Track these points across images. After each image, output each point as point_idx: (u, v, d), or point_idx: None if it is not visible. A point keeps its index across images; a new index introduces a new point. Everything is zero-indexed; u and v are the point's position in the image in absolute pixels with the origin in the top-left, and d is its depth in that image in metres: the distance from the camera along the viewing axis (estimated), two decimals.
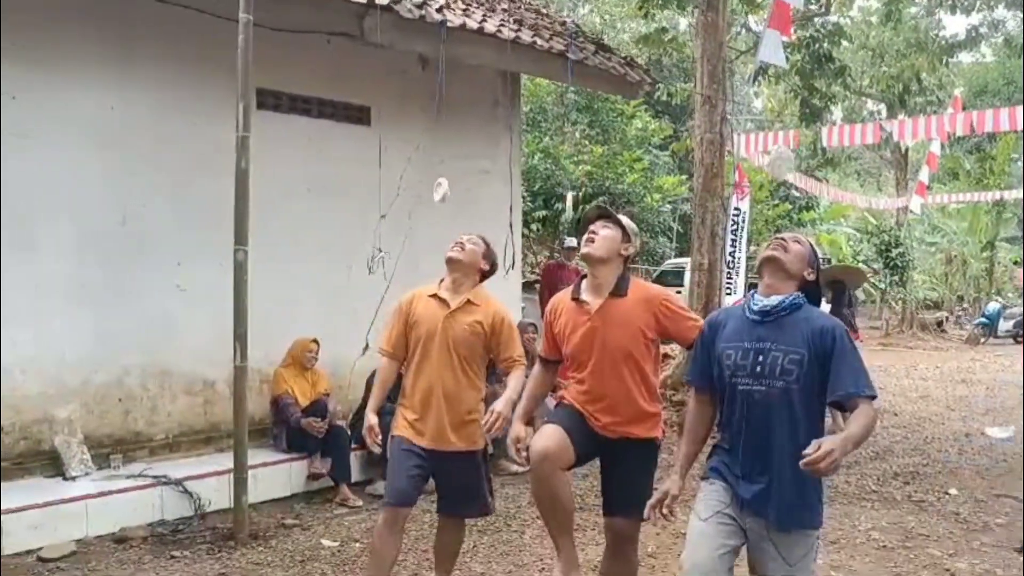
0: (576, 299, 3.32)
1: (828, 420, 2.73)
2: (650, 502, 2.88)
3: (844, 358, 2.60)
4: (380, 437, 3.70)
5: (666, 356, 11.20)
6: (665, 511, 2.84)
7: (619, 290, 3.26)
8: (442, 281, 3.83)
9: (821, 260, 3.03)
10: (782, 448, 2.62)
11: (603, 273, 3.29)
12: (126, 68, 5.75)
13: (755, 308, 2.72)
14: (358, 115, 7.05)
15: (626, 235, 3.33)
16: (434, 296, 3.77)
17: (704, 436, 2.91)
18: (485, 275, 3.89)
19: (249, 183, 4.94)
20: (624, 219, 3.39)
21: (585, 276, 3.41)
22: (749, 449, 2.68)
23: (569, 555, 3.38)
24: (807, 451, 2.37)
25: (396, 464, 3.71)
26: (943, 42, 18.05)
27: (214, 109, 5.84)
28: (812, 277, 2.79)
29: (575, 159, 19.15)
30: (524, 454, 3.21)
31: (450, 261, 3.79)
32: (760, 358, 2.65)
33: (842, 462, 2.43)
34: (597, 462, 3.50)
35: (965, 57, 25.70)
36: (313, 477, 5.82)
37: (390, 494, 3.71)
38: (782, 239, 2.82)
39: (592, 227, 3.33)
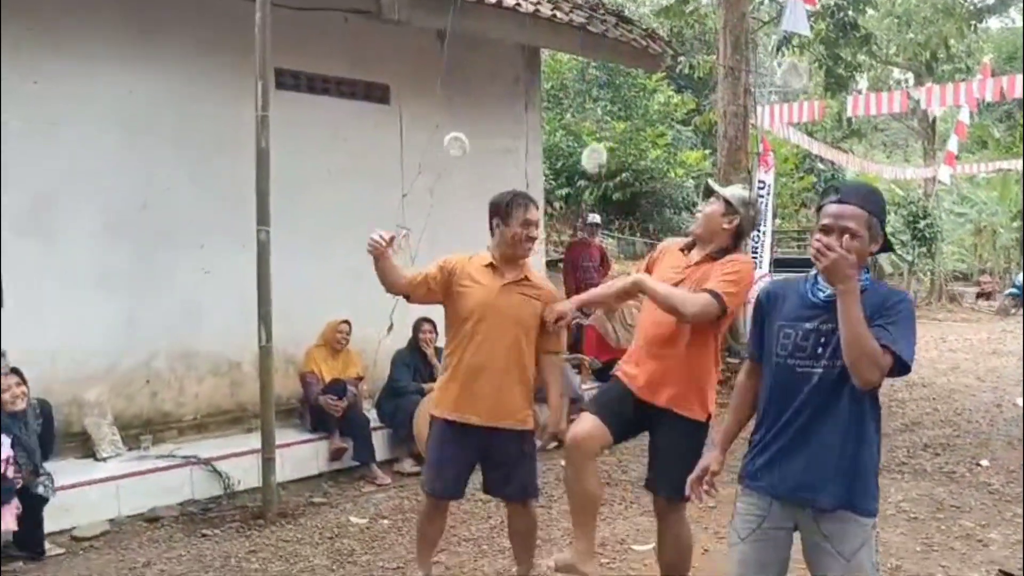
0: (683, 249, 3.45)
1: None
2: (691, 478, 2.77)
3: (892, 319, 2.38)
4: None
5: None
6: (706, 487, 2.74)
7: (718, 256, 3.33)
8: (492, 255, 3.60)
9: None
10: (837, 427, 2.45)
11: (710, 249, 3.37)
12: (146, 51, 5.76)
13: (820, 296, 2.50)
14: (377, 94, 7.03)
15: (729, 207, 3.35)
16: (489, 266, 3.57)
17: (750, 412, 2.74)
18: None
19: (270, 163, 4.95)
20: (728, 191, 3.42)
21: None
22: (796, 430, 2.50)
23: (584, 545, 3.43)
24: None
25: (440, 453, 3.59)
26: (971, 7, 17.66)
27: (234, 91, 5.85)
28: (875, 249, 2.48)
29: (597, 136, 19.02)
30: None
31: (522, 258, 3.59)
32: (822, 339, 2.46)
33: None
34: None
35: (994, 23, 25.18)
36: (335, 455, 5.84)
37: (434, 487, 3.62)
38: (827, 246, 2.31)
39: (699, 207, 3.47)
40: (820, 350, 2.45)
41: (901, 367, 2.34)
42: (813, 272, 2.53)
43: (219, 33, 5.90)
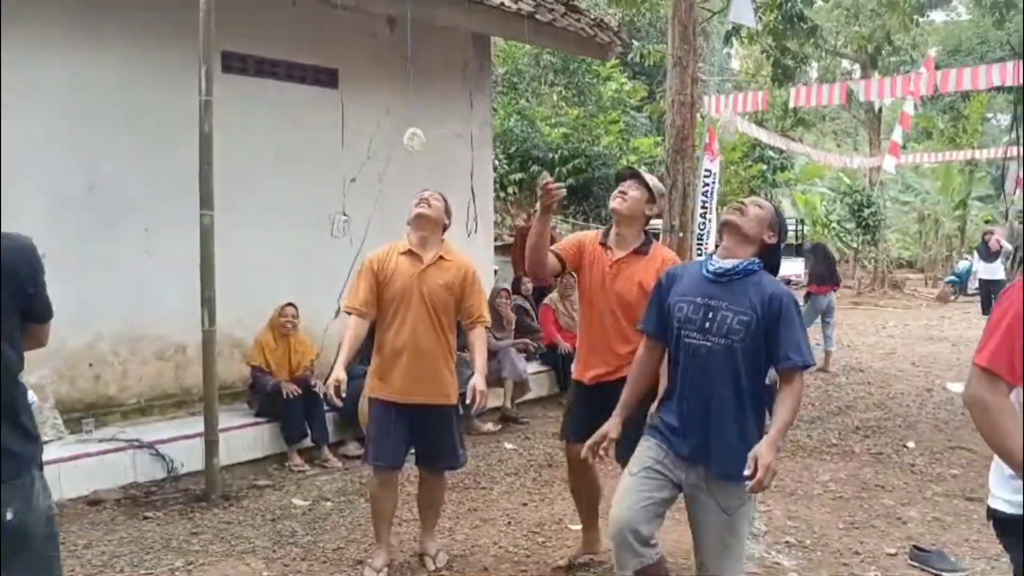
0: (603, 244, 3.60)
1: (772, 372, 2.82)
2: (588, 443, 2.99)
3: (788, 325, 2.70)
4: (343, 393, 3.71)
5: None
6: (601, 452, 2.95)
7: (643, 248, 3.56)
8: (409, 239, 3.91)
9: (792, 220, 3.13)
10: (723, 402, 2.71)
11: (626, 230, 3.56)
12: (92, 32, 5.71)
13: (711, 269, 2.80)
14: (326, 78, 7.02)
15: (652, 197, 3.56)
16: (407, 253, 3.85)
17: (647, 384, 3.00)
18: (445, 229, 4.02)
19: (213, 147, 4.95)
20: (652, 180, 3.60)
21: (610, 227, 3.66)
22: (691, 401, 2.75)
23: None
24: (746, 473, 2.51)
25: (380, 428, 3.86)
26: (915, 1, 18.01)
27: (181, 73, 5.79)
28: (772, 240, 2.84)
29: (551, 121, 19.11)
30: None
31: (420, 218, 3.86)
32: (710, 314, 2.72)
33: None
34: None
35: (939, 16, 25.78)
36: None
37: (379, 458, 3.87)
38: (742, 203, 2.89)
39: (624, 185, 3.58)
40: (708, 324, 2.73)
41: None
42: (710, 252, 2.89)
43: (166, 14, 5.85)
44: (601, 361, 3.57)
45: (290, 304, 6.09)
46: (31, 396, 4.65)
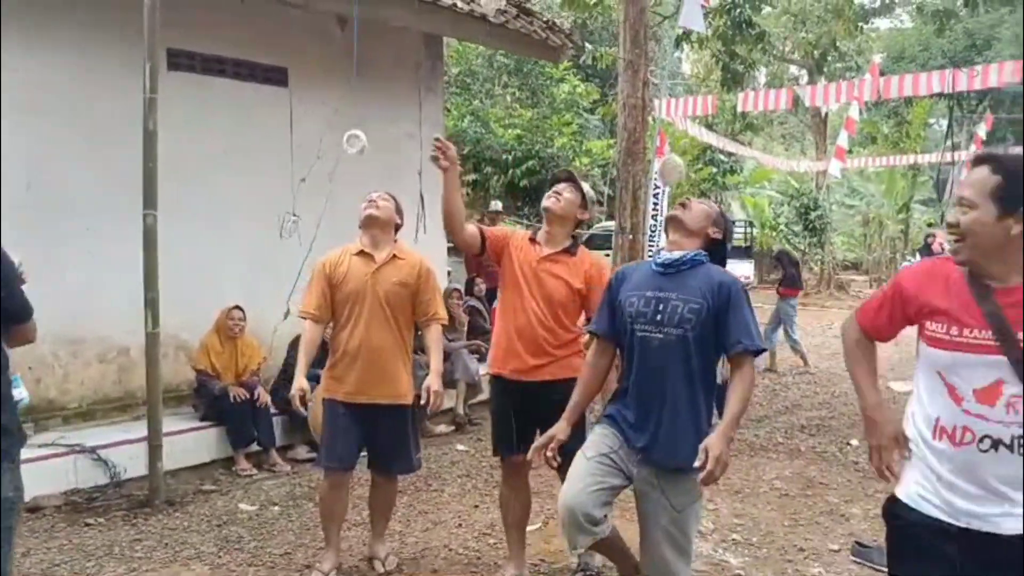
0: (532, 240, 3.66)
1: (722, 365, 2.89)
2: (535, 445, 3.01)
3: (738, 311, 2.77)
4: (310, 401, 3.71)
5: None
6: (549, 454, 2.96)
7: (571, 249, 3.63)
8: (361, 240, 3.90)
9: (741, 222, 3.21)
10: (676, 393, 2.76)
11: (557, 229, 3.63)
12: (32, 28, 5.55)
13: (659, 262, 2.88)
14: (275, 76, 6.94)
15: (584, 203, 3.65)
16: (359, 253, 3.84)
17: (598, 386, 3.05)
18: (397, 229, 4.02)
19: (157, 145, 4.86)
20: (586, 187, 3.70)
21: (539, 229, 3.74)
22: (643, 393, 2.79)
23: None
24: (696, 464, 2.55)
25: (332, 428, 3.84)
26: (860, 8, 18.44)
27: (126, 70, 5.66)
28: (717, 235, 2.94)
29: (505, 122, 19.15)
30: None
31: (370, 219, 3.86)
32: (660, 306, 2.77)
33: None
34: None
35: (884, 23, 26.41)
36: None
37: (330, 459, 3.85)
38: (687, 199, 3.03)
39: (559, 187, 3.66)
40: (659, 316, 2.77)
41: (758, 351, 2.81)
42: (659, 248, 2.91)
43: (111, 11, 5.73)
44: (525, 350, 3.54)
45: (237, 307, 6.00)
46: (21, 392, 4.59)
